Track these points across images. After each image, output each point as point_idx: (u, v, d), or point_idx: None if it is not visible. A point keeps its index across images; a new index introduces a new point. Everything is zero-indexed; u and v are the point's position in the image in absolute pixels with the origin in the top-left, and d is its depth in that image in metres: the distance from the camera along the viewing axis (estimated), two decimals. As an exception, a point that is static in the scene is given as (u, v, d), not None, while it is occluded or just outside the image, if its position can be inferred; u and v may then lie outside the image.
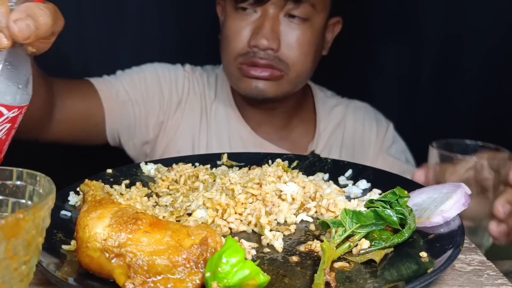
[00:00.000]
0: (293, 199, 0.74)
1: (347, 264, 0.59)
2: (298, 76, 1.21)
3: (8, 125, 0.69)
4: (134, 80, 1.29)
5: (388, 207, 0.64)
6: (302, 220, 0.72)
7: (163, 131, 1.31)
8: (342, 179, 0.86)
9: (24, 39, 0.61)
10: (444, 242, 0.61)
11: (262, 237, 0.67)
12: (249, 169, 0.87)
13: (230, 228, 0.70)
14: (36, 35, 0.63)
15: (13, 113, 0.68)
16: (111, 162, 1.00)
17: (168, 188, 0.83)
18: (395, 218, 0.63)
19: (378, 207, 0.64)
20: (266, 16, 1.14)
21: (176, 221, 0.71)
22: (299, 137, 1.36)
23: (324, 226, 0.65)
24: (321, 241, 0.63)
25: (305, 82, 1.30)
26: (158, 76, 1.31)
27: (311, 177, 0.84)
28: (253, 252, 0.63)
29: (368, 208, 0.65)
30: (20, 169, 0.54)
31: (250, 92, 1.20)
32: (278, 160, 0.90)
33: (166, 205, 0.77)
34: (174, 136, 1.31)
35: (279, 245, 0.64)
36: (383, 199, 0.65)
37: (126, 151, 1.33)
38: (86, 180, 0.71)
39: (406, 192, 0.66)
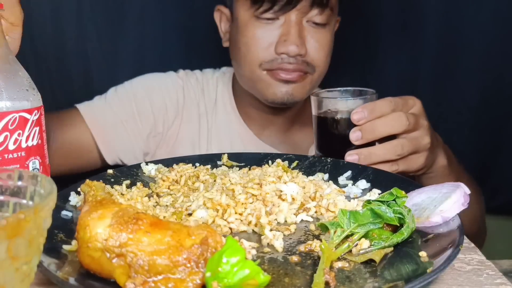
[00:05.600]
0: (293, 199, 0.74)
1: (347, 264, 0.59)
2: (320, 76, 1.23)
3: (37, 128, 0.74)
4: (122, 99, 1.28)
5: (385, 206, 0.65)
6: (302, 220, 0.73)
7: (163, 140, 1.31)
8: (342, 179, 0.86)
9: None
10: (444, 242, 0.61)
11: (262, 237, 0.67)
12: (249, 169, 0.87)
13: (231, 228, 0.70)
14: None
15: (35, 115, 0.73)
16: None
17: (168, 188, 0.83)
18: (391, 215, 0.64)
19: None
20: (291, 22, 1.14)
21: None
22: (300, 140, 1.36)
23: (323, 228, 0.65)
24: (321, 240, 0.64)
25: None
26: (149, 89, 1.31)
27: (311, 177, 0.84)
28: (253, 252, 0.63)
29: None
30: (21, 169, 0.54)
31: (279, 98, 1.20)
32: (278, 160, 0.91)
33: (166, 205, 0.77)
34: (174, 144, 1.31)
35: (279, 245, 0.64)
36: (380, 199, 0.65)
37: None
38: (87, 181, 0.71)
39: (403, 192, 0.66)
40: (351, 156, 0.89)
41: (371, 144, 0.92)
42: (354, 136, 0.90)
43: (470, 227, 1.11)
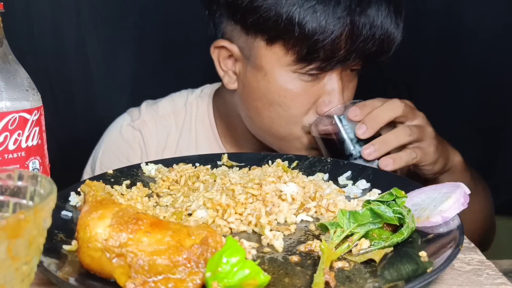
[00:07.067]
0: (293, 199, 0.74)
1: (347, 264, 0.59)
2: None
3: (37, 128, 0.74)
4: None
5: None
6: (302, 220, 0.73)
7: None
8: (342, 179, 0.86)
9: None
10: (444, 242, 0.61)
11: (262, 237, 0.67)
12: (249, 169, 0.87)
13: (231, 228, 0.70)
14: None
15: (35, 115, 0.73)
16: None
17: (168, 188, 0.83)
18: (390, 214, 0.64)
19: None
20: (334, 78, 1.00)
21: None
22: None
23: (323, 228, 0.65)
24: (321, 240, 0.64)
25: None
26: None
27: (311, 177, 0.84)
28: (254, 252, 0.63)
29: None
30: (21, 169, 0.54)
31: (308, 154, 1.06)
32: (278, 160, 0.91)
33: (166, 205, 0.77)
34: None
35: (279, 245, 0.64)
36: (380, 199, 0.65)
37: None
38: (87, 181, 0.71)
39: (403, 192, 0.66)
40: (366, 150, 0.91)
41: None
42: (361, 131, 0.92)
43: (483, 224, 1.10)
